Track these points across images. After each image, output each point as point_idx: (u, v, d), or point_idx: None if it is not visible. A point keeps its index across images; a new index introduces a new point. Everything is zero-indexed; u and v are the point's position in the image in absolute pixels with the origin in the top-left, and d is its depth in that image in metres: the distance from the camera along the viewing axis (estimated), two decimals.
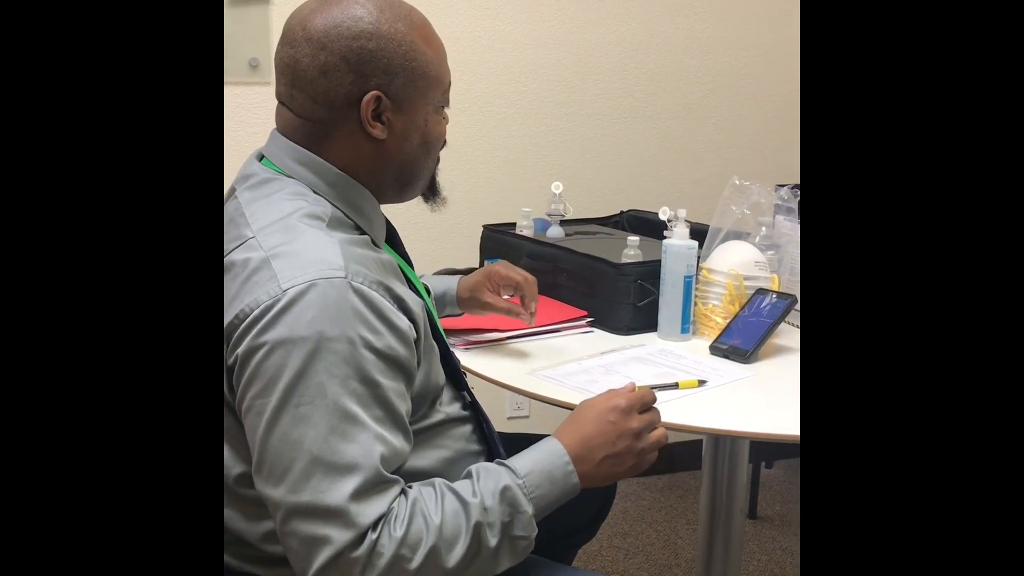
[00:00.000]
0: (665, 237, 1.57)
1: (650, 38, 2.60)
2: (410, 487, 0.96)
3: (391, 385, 0.95)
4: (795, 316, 1.60)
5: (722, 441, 1.67)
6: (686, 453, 2.78)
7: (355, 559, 0.89)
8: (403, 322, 0.98)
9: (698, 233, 1.59)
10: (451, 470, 1.14)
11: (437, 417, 1.10)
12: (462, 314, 1.49)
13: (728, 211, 1.64)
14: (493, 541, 0.96)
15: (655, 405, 1.08)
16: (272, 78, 1.13)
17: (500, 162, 2.52)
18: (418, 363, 1.02)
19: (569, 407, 1.27)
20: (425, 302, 1.10)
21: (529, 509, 0.99)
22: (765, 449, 2.79)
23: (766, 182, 1.69)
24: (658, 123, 2.66)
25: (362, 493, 0.90)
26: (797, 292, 1.59)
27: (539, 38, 2.49)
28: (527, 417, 2.65)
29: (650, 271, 1.58)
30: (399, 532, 0.91)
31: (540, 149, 2.55)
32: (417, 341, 1.01)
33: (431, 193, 1.19)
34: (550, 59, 2.51)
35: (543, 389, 1.32)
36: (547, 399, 1.30)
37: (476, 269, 1.85)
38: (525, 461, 1.01)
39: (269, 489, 0.92)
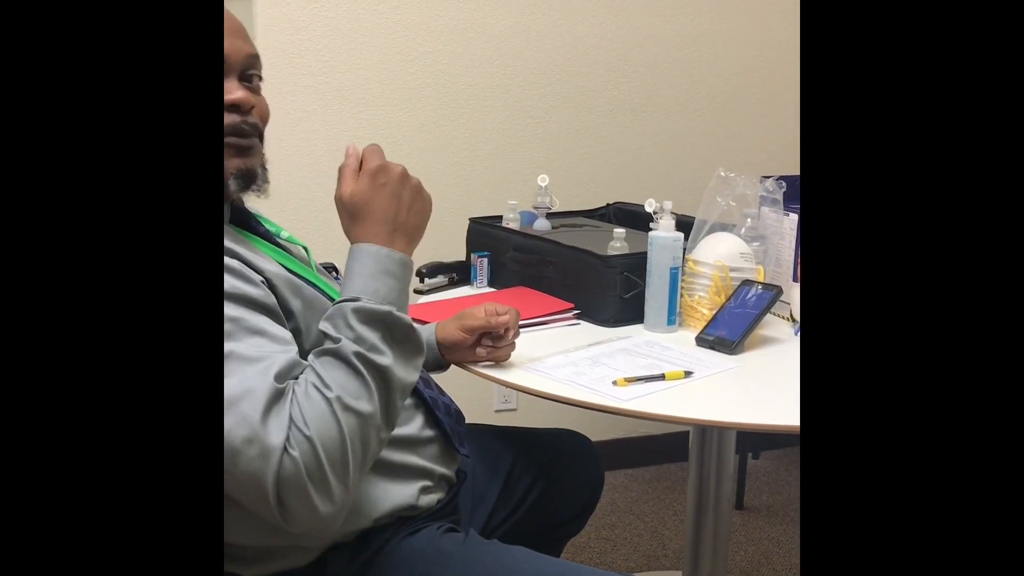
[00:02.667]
0: (651, 229, 1.57)
1: (636, 31, 2.60)
2: (296, 383, 0.95)
3: (253, 316, 0.97)
4: (781, 307, 1.61)
5: (709, 432, 1.68)
6: (673, 444, 2.80)
7: (292, 472, 0.89)
8: (253, 275, 1.01)
9: (684, 225, 1.59)
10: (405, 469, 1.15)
11: None
12: (448, 366, 1.44)
13: (714, 203, 1.65)
14: (385, 359, 0.97)
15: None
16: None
17: (486, 155, 2.51)
18: (287, 315, 1.04)
19: (556, 399, 1.28)
20: (302, 273, 1.13)
21: (386, 307, 0.99)
22: (752, 440, 2.80)
23: (751, 174, 1.69)
24: (644, 116, 2.66)
25: (266, 413, 0.90)
26: (782, 283, 1.60)
27: (525, 30, 2.49)
28: (515, 410, 2.66)
29: (636, 263, 1.59)
30: (309, 426, 0.91)
31: (526, 142, 2.55)
32: (277, 297, 1.03)
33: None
34: (536, 51, 2.51)
35: (530, 382, 1.32)
36: (534, 391, 1.30)
37: (455, 264, 1.86)
38: (351, 283, 1.02)
39: None
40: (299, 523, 0.92)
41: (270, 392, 0.91)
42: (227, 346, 0.93)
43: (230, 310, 0.95)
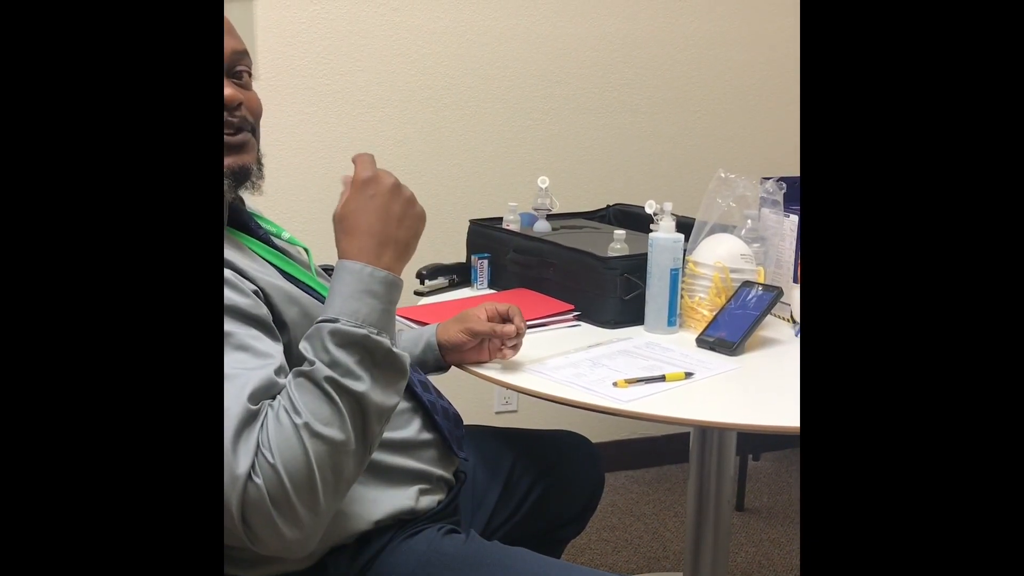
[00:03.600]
0: (651, 230, 1.57)
1: (635, 32, 2.60)
2: (271, 404, 0.93)
3: (241, 331, 0.96)
4: (781, 308, 1.61)
5: (709, 433, 1.68)
6: (674, 446, 2.80)
7: (256, 499, 0.88)
8: (245, 284, 1.00)
9: (684, 226, 1.59)
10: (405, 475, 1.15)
11: None
12: (448, 367, 1.44)
13: (714, 204, 1.65)
14: (360, 384, 0.94)
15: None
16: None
17: (486, 156, 2.51)
18: (280, 326, 1.03)
19: (557, 401, 1.28)
20: (298, 276, 1.13)
21: (364, 330, 0.95)
22: (752, 441, 2.80)
23: (752, 175, 1.69)
24: (644, 117, 2.66)
25: (236, 436, 0.89)
26: (783, 284, 1.60)
27: (525, 32, 2.49)
28: (515, 412, 2.66)
29: (636, 264, 1.59)
30: (275, 455, 0.89)
31: (526, 143, 2.55)
32: (271, 308, 1.02)
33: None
34: (536, 53, 2.51)
35: (530, 383, 1.32)
36: (534, 393, 1.30)
37: (456, 266, 1.86)
38: (331, 302, 0.98)
39: None
40: (265, 546, 0.91)
41: (242, 415, 0.89)
42: None
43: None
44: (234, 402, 0.90)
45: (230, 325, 0.95)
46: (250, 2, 2.22)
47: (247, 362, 0.94)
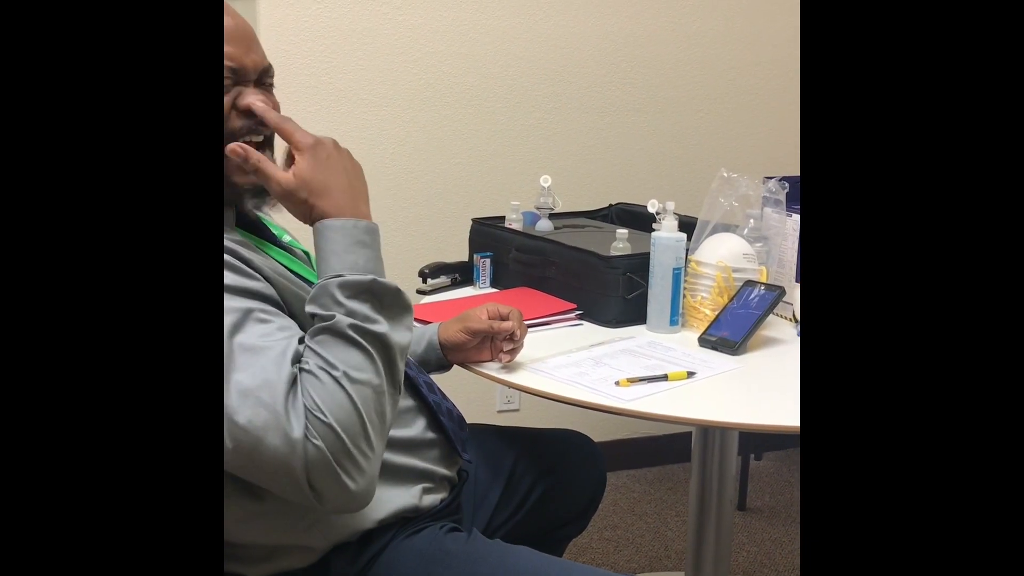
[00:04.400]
0: (654, 230, 1.57)
1: (638, 31, 2.60)
2: (302, 367, 0.96)
3: (260, 306, 0.98)
4: (783, 308, 1.61)
5: (711, 433, 1.68)
6: (675, 445, 2.80)
7: (319, 459, 0.91)
8: (251, 271, 1.01)
9: (686, 225, 1.59)
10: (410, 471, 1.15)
11: None
12: (451, 366, 1.44)
13: (716, 203, 1.65)
14: (380, 327, 0.98)
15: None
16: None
17: (488, 155, 2.51)
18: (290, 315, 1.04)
19: (559, 400, 1.28)
20: (298, 272, 1.14)
21: (368, 276, 0.99)
22: (754, 441, 2.80)
23: (754, 174, 1.69)
24: (646, 116, 2.66)
25: (286, 403, 0.91)
26: (785, 284, 1.60)
27: (527, 31, 2.49)
28: (517, 410, 2.66)
29: (639, 264, 1.59)
30: (326, 412, 0.92)
31: (528, 142, 2.55)
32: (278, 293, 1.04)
33: (232, 193, 1.09)
34: (538, 52, 2.51)
35: (533, 382, 1.32)
36: (537, 392, 1.31)
37: (458, 265, 1.86)
38: (327, 262, 1.01)
39: None
40: (334, 503, 0.95)
41: (287, 381, 0.92)
42: (237, 338, 0.94)
43: (236, 302, 0.96)
44: (275, 371, 0.92)
45: (249, 303, 0.97)
46: (253, 1, 2.22)
47: (274, 334, 0.96)
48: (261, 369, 0.92)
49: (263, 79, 1.10)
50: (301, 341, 0.99)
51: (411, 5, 2.37)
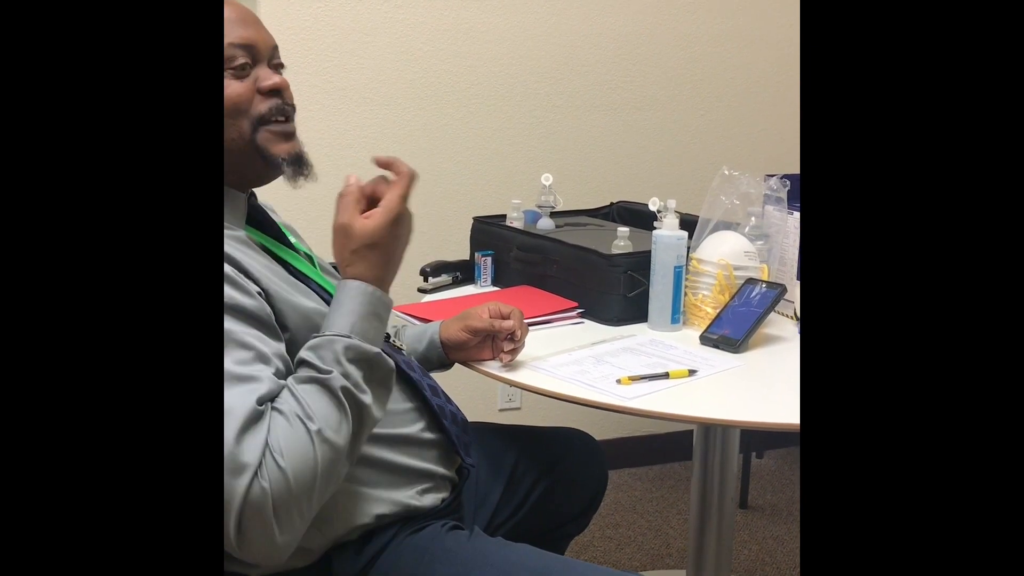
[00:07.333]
0: (655, 228, 1.57)
1: (639, 29, 2.60)
2: (275, 407, 0.94)
3: (244, 330, 0.96)
4: (785, 306, 1.60)
5: (713, 431, 1.68)
6: (677, 443, 2.79)
7: (259, 500, 0.89)
8: (249, 284, 1.01)
9: (688, 223, 1.59)
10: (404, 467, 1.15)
11: None
12: (452, 364, 1.45)
13: (717, 201, 1.65)
14: (367, 398, 1.00)
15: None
16: None
17: (490, 154, 2.51)
18: (282, 328, 1.04)
19: (560, 398, 1.28)
20: (306, 275, 1.15)
21: (375, 349, 1.02)
22: (756, 439, 2.80)
23: (755, 172, 1.69)
24: (647, 114, 2.66)
25: (241, 433, 0.89)
26: (787, 282, 1.60)
27: (528, 29, 2.49)
28: (519, 409, 2.66)
29: (640, 262, 1.59)
30: (285, 457, 0.90)
31: (530, 141, 2.55)
32: (274, 310, 1.03)
33: (271, 167, 1.13)
34: (540, 50, 2.51)
35: (534, 380, 1.32)
36: (538, 390, 1.31)
37: (459, 263, 1.86)
38: (343, 319, 1.02)
39: None
40: (252, 551, 0.91)
41: (248, 414, 0.90)
42: None
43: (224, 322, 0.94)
44: (239, 402, 0.91)
45: (232, 323, 0.96)
46: (254, 1, 2.22)
47: (253, 363, 0.95)
48: (228, 397, 0.90)
49: (273, 60, 1.14)
50: (277, 373, 0.97)
51: (411, 4, 2.36)
